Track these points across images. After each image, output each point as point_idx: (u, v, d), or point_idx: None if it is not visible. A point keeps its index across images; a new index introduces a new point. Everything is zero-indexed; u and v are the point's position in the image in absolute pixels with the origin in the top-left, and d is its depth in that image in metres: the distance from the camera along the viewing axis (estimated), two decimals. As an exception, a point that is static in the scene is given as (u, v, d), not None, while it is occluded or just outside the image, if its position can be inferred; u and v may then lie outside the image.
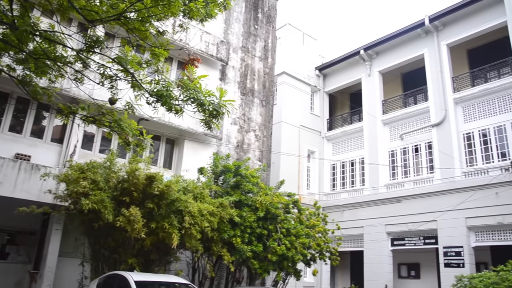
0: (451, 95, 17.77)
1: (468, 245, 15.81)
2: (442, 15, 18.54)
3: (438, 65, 18.47)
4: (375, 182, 19.49)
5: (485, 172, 15.81)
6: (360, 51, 21.51)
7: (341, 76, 23.09)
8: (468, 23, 17.93)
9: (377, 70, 21.22)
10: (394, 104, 20.62)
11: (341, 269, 22.07)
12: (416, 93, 19.98)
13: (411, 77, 21.32)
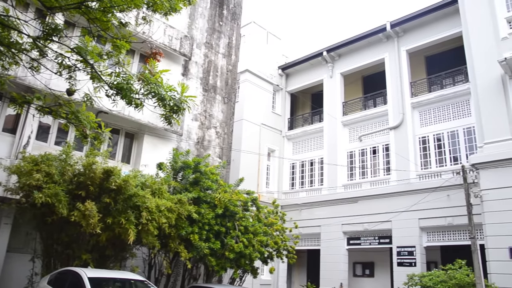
0: (409, 99, 18.33)
1: (420, 245, 16.39)
2: (403, 22, 19.09)
3: (397, 70, 19.00)
4: (333, 182, 19.85)
5: (438, 175, 16.42)
6: (323, 52, 21.82)
7: (304, 76, 23.35)
8: (427, 31, 18.54)
9: (339, 72, 21.60)
10: (354, 106, 21.06)
11: (298, 267, 22.36)
12: (375, 96, 20.48)
13: (372, 80, 21.82)
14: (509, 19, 14.35)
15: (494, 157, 13.11)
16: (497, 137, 13.39)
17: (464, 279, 12.00)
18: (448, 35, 17.85)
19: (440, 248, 17.48)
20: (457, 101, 17.11)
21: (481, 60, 14.42)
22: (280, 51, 24.64)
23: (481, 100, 14.10)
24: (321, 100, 22.20)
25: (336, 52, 21.66)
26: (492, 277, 12.38)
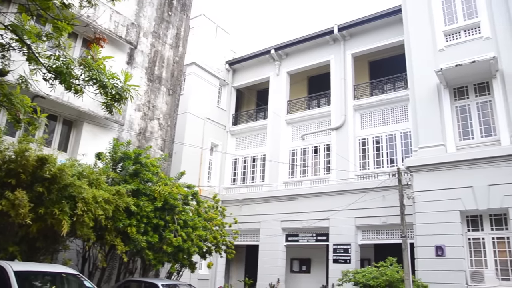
0: (352, 102, 18.91)
1: (355, 243, 16.99)
2: (350, 26, 19.64)
3: (342, 73, 19.52)
4: (274, 179, 20.10)
5: (376, 176, 17.07)
6: (270, 50, 21.98)
7: (250, 72, 23.43)
8: (372, 37, 19.20)
9: (285, 70, 21.86)
10: (298, 105, 21.42)
11: (236, 263, 22.47)
12: (320, 97, 20.94)
13: (317, 81, 22.29)
14: (446, 32, 15.15)
15: (426, 161, 13.84)
16: (430, 143, 14.12)
17: (394, 275, 12.60)
18: (391, 42, 18.58)
19: (374, 246, 18.24)
20: (396, 106, 17.87)
21: (419, 69, 15.13)
22: (229, 46, 24.55)
23: (418, 106, 14.81)
24: (266, 97, 22.38)
25: (283, 51, 21.91)
26: (419, 273, 13.07)
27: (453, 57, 14.45)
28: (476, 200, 12.83)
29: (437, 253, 12.96)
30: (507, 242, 12.54)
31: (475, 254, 12.93)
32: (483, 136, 13.72)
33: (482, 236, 12.97)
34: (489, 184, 12.72)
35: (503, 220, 12.78)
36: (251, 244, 20.47)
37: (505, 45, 13.78)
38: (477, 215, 13.16)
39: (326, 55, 20.48)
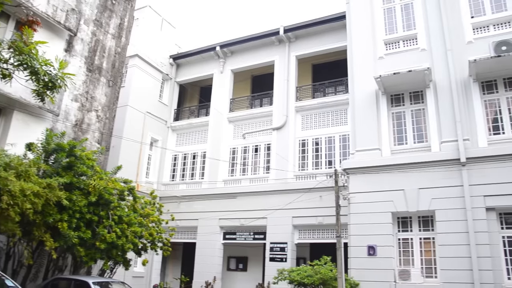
0: (294, 103, 19.20)
1: (292, 242, 17.27)
2: (296, 28, 19.92)
3: (286, 74, 19.76)
4: (214, 176, 19.99)
5: (314, 177, 17.43)
6: (216, 47, 21.83)
7: (194, 68, 23.15)
8: (317, 40, 19.60)
9: (229, 68, 21.81)
10: (241, 103, 21.44)
11: (173, 260, 22.14)
12: (263, 96, 21.08)
13: (261, 81, 22.43)
14: (386, 41, 15.75)
15: (362, 164, 14.32)
16: (367, 146, 14.62)
17: (328, 273, 12.92)
18: (334, 47, 19.07)
19: (310, 245, 18.65)
20: (336, 110, 18.36)
21: (360, 75, 15.61)
22: (174, 40, 24.12)
23: (356, 111, 15.28)
24: (209, 94, 22.20)
25: (229, 49, 21.84)
26: (352, 271, 13.49)
27: (392, 65, 15.05)
28: (407, 202, 13.45)
29: (369, 252, 13.44)
30: (432, 242, 13.24)
31: (404, 254, 13.53)
32: (416, 142, 14.40)
33: (411, 237, 13.61)
34: (419, 187, 13.38)
35: (430, 221, 13.48)
36: (188, 241, 20.25)
37: (438, 57, 14.55)
38: (407, 216, 13.80)
39: (271, 55, 20.65)
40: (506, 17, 14.26)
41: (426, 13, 15.34)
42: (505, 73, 13.71)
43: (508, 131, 13.37)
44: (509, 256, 12.32)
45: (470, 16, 14.83)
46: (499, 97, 13.79)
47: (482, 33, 14.49)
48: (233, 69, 21.83)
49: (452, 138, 13.45)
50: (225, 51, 21.84)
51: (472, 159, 12.98)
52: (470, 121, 13.58)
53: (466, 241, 12.39)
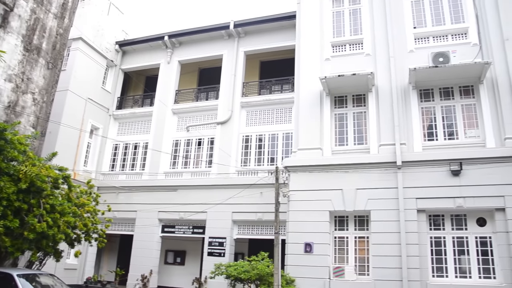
0: (239, 98, 19.21)
1: (231, 237, 17.32)
2: (246, 24, 19.93)
3: (233, 69, 19.72)
4: (155, 168, 19.60)
5: (255, 173, 17.56)
6: (164, 36, 21.39)
7: (141, 57, 22.55)
8: (266, 38, 19.74)
9: (177, 59, 21.44)
10: (187, 96, 21.15)
11: (109, 252, 21.53)
12: (209, 90, 20.91)
13: (208, 74, 22.24)
14: (333, 44, 16.13)
15: (304, 162, 14.57)
16: (309, 145, 14.89)
17: (265, 269, 13.01)
18: (283, 45, 19.28)
19: (248, 240, 18.75)
20: (281, 107, 18.59)
21: (306, 75, 15.86)
22: (121, 26, 23.36)
23: (301, 110, 15.51)
24: (155, 84, 21.73)
25: (177, 39, 21.47)
26: (288, 268, 13.70)
27: (337, 68, 15.45)
28: (345, 202, 13.85)
29: (305, 249, 13.72)
30: (366, 241, 13.73)
31: (339, 251, 13.93)
32: (356, 144, 14.86)
33: (347, 235, 14.04)
34: (357, 188, 13.82)
35: (365, 221, 13.98)
36: (125, 233, 19.74)
37: (382, 63, 15.09)
38: (344, 216, 14.22)
39: (220, 49, 20.52)
40: (444, 30, 15.12)
41: (373, 19, 15.85)
42: (441, 83, 14.49)
43: (441, 138, 14.13)
44: (435, 255, 13.07)
45: (413, 27, 15.54)
46: (434, 105, 14.54)
47: (423, 44, 15.21)
48: (180, 60, 21.49)
49: (390, 142, 14.01)
50: (173, 42, 21.45)
51: (407, 163, 13.59)
52: (407, 126, 14.20)
53: (397, 240, 12.96)
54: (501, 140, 13.31)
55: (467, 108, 14.30)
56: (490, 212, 12.96)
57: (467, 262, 12.87)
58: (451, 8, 15.53)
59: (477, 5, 15.08)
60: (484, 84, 14.06)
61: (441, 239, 13.27)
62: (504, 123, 13.34)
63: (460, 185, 13.11)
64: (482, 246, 12.89)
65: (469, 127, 14.11)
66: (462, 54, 14.42)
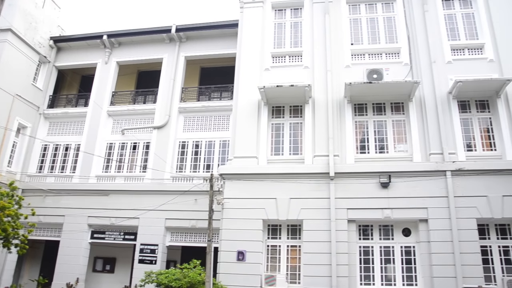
0: (178, 103, 18.99)
1: (163, 244, 16.98)
2: (188, 29, 19.80)
3: (173, 73, 19.47)
4: (86, 171, 18.83)
5: (191, 179, 17.37)
6: (103, 35, 20.72)
7: (77, 55, 21.66)
8: (208, 44, 19.73)
9: (115, 60, 20.83)
10: (124, 98, 20.55)
11: (31, 260, 20.32)
12: (147, 93, 20.47)
13: (147, 77, 21.80)
14: (274, 54, 16.38)
15: (239, 170, 14.58)
16: (245, 154, 14.92)
17: (196, 277, 12.83)
18: (224, 53, 19.36)
19: (181, 248, 18.43)
20: (219, 115, 18.60)
21: (245, 83, 15.95)
22: (57, 21, 22.35)
23: (238, 118, 15.54)
24: (91, 84, 20.92)
25: (117, 39, 20.88)
26: (220, 276, 13.59)
27: (276, 78, 15.71)
28: (278, 211, 14.00)
29: (238, 257, 13.69)
30: (298, 249, 13.94)
31: (271, 260, 14.03)
32: (291, 154, 15.11)
33: (279, 244, 14.18)
34: (291, 197, 14.03)
35: (298, 230, 14.20)
36: (51, 239, 18.70)
37: (319, 76, 15.51)
38: (277, 224, 14.36)
39: (160, 52, 20.20)
40: (379, 49, 15.88)
41: (313, 33, 16.29)
42: (374, 98, 15.15)
43: (372, 151, 14.72)
44: (363, 264, 13.53)
45: (350, 43, 16.15)
46: (367, 120, 15.14)
47: (359, 60, 15.85)
48: (119, 61, 20.89)
49: (324, 153, 14.39)
50: (112, 41, 20.82)
51: (340, 174, 14.00)
52: (341, 138, 14.65)
53: (328, 249, 13.28)
54: (427, 155, 14.11)
55: (397, 123, 15.02)
56: (415, 223, 13.65)
57: (392, 271, 13.43)
58: (386, 28, 16.32)
59: (409, 27, 15.95)
60: (413, 102, 14.86)
61: (369, 249, 13.76)
62: (430, 139, 14.16)
63: (388, 196, 13.70)
64: (407, 255, 13.54)
65: (399, 142, 14.80)
66: (394, 72, 15.17)
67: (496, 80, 14.26)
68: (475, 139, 14.58)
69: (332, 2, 16.67)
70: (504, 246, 13.39)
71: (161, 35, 20.15)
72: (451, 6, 16.43)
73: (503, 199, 13.25)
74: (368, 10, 16.79)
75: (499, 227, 13.62)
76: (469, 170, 13.61)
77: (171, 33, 19.77)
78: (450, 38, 15.79)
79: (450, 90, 14.66)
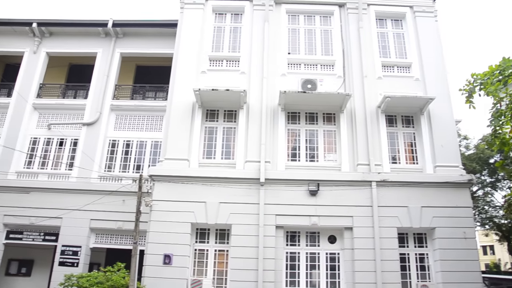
0: (110, 101, 18.32)
1: (87, 246, 16.26)
2: (126, 25, 19.22)
3: (107, 69, 18.79)
4: (6, 167, 17.57)
5: (119, 179, 16.83)
6: (33, 23, 19.46)
7: (1, 41, 20.25)
8: (145, 42, 19.23)
9: (45, 50, 19.71)
10: (52, 91, 19.50)
11: None
12: (78, 88, 19.58)
13: (79, 71, 20.85)
14: (211, 58, 16.31)
15: (169, 172, 14.29)
16: (176, 156, 14.65)
17: (120, 281, 12.48)
18: (162, 52, 18.96)
19: (106, 250, 17.79)
20: (153, 115, 18.18)
21: (181, 85, 15.70)
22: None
23: (172, 119, 15.26)
24: (16, 73, 19.65)
25: (48, 29, 19.80)
26: (145, 280, 13.23)
27: (213, 81, 15.64)
28: (207, 215, 13.90)
29: (164, 261, 13.42)
30: (226, 254, 13.93)
31: (199, 264, 13.92)
32: (223, 158, 15.08)
33: (207, 248, 14.09)
34: (220, 201, 13.99)
35: (226, 235, 14.19)
36: (-40, 239, 17.29)
37: (255, 83, 15.65)
38: (206, 228, 14.27)
39: (95, 47, 19.41)
40: (315, 60, 16.39)
41: (251, 39, 16.43)
42: (308, 108, 15.57)
43: (302, 159, 15.08)
44: (289, 269, 13.81)
45: (288, 52, 16.47)
46: (300, 128, 15.50)
47: (295, 69, 16.23)
48: (49, 52, 19.80)
49: (255, 159, 14.51)
50: (42, 30, 19.71)
51: (270, 180, 14.18)
52: (273, 145, 14.86)
53: (255, 255, 13.39)
54: (354, 166, 14.67)
55: (328, 133, 15.50)
56: (340, 230, 14.13)
57: (317, 276, 13.81)
58: (323, 40, 16.85)
59: (345, 42, 16.59)
60: (344, 114, 15.41)
61: (295, 255, 14.05)
62: (358, 150, 14.76)
63: (316, 204, 14.09)
64: (331, 262, 13.99)
65: (329, 151, 15.28)
66: (328, 84, 15.69)
67: (421, 98, 15.18)
68: (399, 152, 15.38)
69: (273, 11, 16.93)
70: (420, 254, 14.23)
71: (96, 29, 19.39)
72: (384, 25, 17.28)
73: (422, 209, 14.09)
74: (307, 22, 17.22)
75: (417, 236, 14.45)
76: (392, 181, 14.32)
77: (107, 27, 19.08)
78: (381, 55, 16.58)
79: (379, 105, 15.35)
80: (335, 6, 17.26)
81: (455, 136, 15.67)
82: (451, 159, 14.89)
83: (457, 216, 14.06)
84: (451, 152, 15.02)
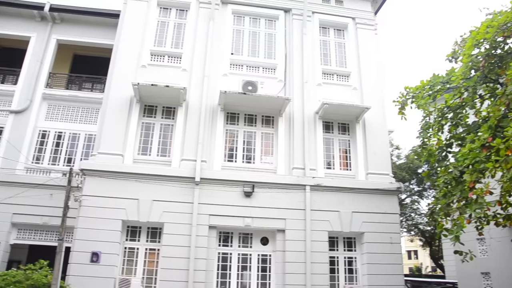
0: (43, 89, 17.37)
1: (6, 242, 15.25)
2: (65, 10, 18.25)
3: (41, 55, 17.82)
4: None
5: (48, 172, 16.01)
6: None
7: None
8: (85, 30, 18.47)
9: (-29, 32, 18.41)
10: (-23, 75, 18.26)
11: None
12: (7, 73, 18.39)
13: (9, 54, 19.63)
14: (152, 52, 15.91)
15: (102, 167, 13.78)
16: (110, 150, 14.14)
17: (41, 279, 11.80)
18: (102, 42, 18.29)
19: (29, 246, 16.84)
20: (88, 107, 17.47)
21: (119, 77, 15.18)
22: None
23: (108, 112, 14.71)
24: None
25: (-22, 7, 18.49)
26: (70, 278, 12.68)
27: (153, 77, 15.24)
28: (139, 212, 13.55)
29: (92, 259, 12.93)
30: (157, 253, 13.66)
31: (128, 263, 13.56)
32: (159, 155, 14.78)
33: (137, 247, 13.76)
34: (154, 199, 13.67)
35: (158, 233, 13.92)
36: None
37: (196, 81, 15.45)
38: (137, 226, 13.91)
39: (29, 30, 18.30)
40: (258, 62, 16.51)
41: (195, 37, 16.23)
42: (247, 109, 15.68)
43: (239, 160, 15.14)
44: (220, 270, 13.84)
45: (231, 53, 16.46)
46: (238, 129, 15.56)
47: (237, 70, 16.25)
48: (-24, 34, 18.51)
49: (191, 158, 14.34)
50: (-32, 9, 18.37)
51: (205, 180, 14.08)
52: (210, 145, 14.77)
53: (187, 254, 13.23)
54: (290, 169, 14.93)
55: (266, 136, 15.66)
56: (273, 232, 14.32)
57: (248, 278, 13.92)
58: (266, 43, 17.01)
59: (288, 47, 16.83)
60: (283, 117, 15.64)
61: (227, 255, 14.06)
62: (294, 154, 15.03)
63: (250, 206, 14.17)
64: (263, 263, 14.15)
65: (265, 154, 15.44)
66: (269, 87, 15.83)
67: (357, 107, 15.71)
68: (334, 158, 15.85)
69: (219, 10, 16.84)
70: (349, 257, 14.76)
71: (31, 11, 18.24)
72: (326, 33, 17.74)
73: (352, 214, 14.60)
74: (252, 24, 17.30)
75: (346, 240, 14.97)
76: (326, 186, 14.73)
77: (43, 11, 18.01)
78: (322, 62, 17.00)
79: (317, 111, 15.73)
80: (281, 11, 17.48)
81: (388, 145, 16.40)
82: (382, 167, 15.55)
83: (385, 222, 14.73)
84: (383, 161, 15.69)
